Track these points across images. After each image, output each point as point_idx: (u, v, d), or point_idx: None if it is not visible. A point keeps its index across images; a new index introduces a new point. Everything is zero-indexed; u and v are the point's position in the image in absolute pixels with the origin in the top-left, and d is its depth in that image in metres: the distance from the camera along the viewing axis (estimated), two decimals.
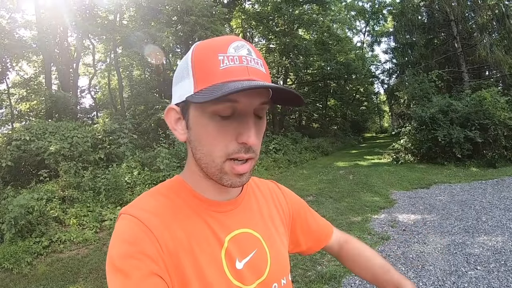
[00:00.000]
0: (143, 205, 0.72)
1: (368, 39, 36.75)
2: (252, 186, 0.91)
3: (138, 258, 0.62)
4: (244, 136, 0.67)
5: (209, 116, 0.67)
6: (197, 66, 0.67)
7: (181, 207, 0.73)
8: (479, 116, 11.15)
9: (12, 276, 4.80)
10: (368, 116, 37.15)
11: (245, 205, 0.83)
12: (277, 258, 0.82)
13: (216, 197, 0.77)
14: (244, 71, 0.66)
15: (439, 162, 11.59)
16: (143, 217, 0.68)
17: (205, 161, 0.71)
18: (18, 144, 8.33)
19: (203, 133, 0.69)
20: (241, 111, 0.67)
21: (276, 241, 0.84)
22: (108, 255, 0.65)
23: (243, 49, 0.68)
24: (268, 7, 20.84)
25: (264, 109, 0.71)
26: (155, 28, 13.36)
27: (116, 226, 0.69)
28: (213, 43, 0.69)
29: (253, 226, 0.81)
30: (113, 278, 0.62)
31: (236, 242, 0.75)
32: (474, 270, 3.84)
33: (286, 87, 0.67)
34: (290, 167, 14.23)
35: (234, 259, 0.73)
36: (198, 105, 0.67)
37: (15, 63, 14.48)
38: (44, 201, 6.62)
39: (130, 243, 0.64)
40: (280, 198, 0.97)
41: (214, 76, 0.65)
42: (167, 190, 0.77)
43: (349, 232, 5.64)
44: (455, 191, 7.89)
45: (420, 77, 14.94)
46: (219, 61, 0.65)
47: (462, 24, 17.19)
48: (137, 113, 15.23)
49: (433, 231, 5.35)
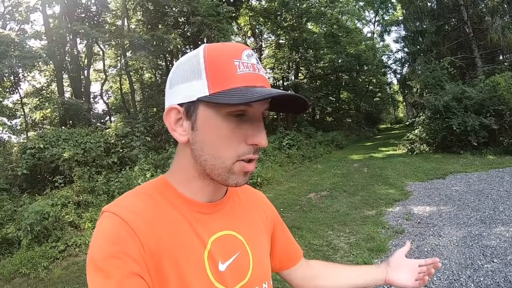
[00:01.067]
0: (126, 204, 0.71)
1: (378, 29, 36.26)
2: (237, 190, 0.90)
3: (120, 258, 0.61)
4: (257, 138, 0.70)
5: (223, 117, 0.68)
6: (212, 68, 0.68)
7: (165, 207, 0.72)
8: (494, 102, 10.92)
9: (29, 281, 4.90)
10: (382, 107, 36.74)
11: (229, 207, 0.83)
12: (260, 262, 0.82)
13: (201, 198, 0.77)
14: (258, 78, 0.70)
15: (455, 151, 11.40)
16: (126, 216, 0.67)
17: (212, 162, 0.71)
18: (32, 152, 8.49)
19: (213, 134, 0.69)
20: (252, 114, 0.70)
21: (258, 245, 0.84)
22: (89, 254, 0.64)
23: (253, 57, 0.72)
24: (275, 3, 20.67)
25: (266, 113, 0.75)
26: (162, 30, 13.43)
27: (98, 224, 0.68)
28: (226, 48, 0.71)
29: (237, 229, 0.80)
30: (94, 277, 0.61)
31: (219, 244, 0.74)
32: (490, 263, 3.75)
33: (301, 96, 0.71)
34: (304, 162, 14.17)
35: (217, 261, 0.72)
36: (212, 106, 0.68)
37: (27, 73, 14.73)
38: (59, 207, 6.74)
39: (113, 242, 0.63)
40: (264, 205, 0.97)
41: (233, 80, 0.67)
42: (151, 190, 0.76)
43: (363, 226, 5.62)
44: (472, 181, 7.74)
45: (432, 65, 14.72)
46: (235, 66, 0.68)
47: (472, 8, 16.78)
48: (150, 115, 15.34)
49: (448, 223, 5.26)
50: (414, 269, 1.07)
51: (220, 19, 14.14)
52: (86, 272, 0.63)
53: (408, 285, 1.05)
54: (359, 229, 5.52)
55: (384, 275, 1.07)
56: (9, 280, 4.99)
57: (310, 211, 6.91)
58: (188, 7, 13.16)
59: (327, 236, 5.39)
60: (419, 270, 1.07)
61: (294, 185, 9.61)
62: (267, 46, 24.63)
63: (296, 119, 20.13)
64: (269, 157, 12.85)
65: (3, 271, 5.13)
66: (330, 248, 4.86)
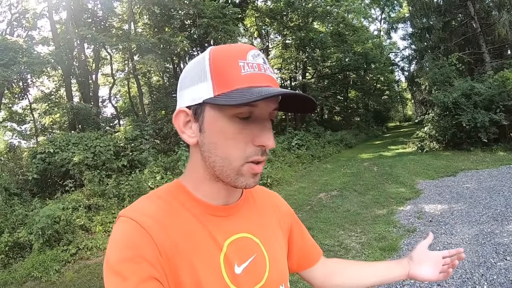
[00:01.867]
0: (141, 208, 0.71)
1: (385, 26, 35.93)
2: (252, 192, 0.90)
3: (136, 261, 0.62)
4: (264, 139, 0.69)
5: (228, 119, 0.68)
6: (216, 70, 0.68)
7: (180, 211, 0.73)
8: (503, 97, 10.82)
9: (41, 284, 4.95)
10: (390, 105, 36.64)
11: (245, 210, 0.82)
12: (276, 264, 0.81)
13: (217, 201, 0.77)
14: (264, 78, 0.69)
15: (465, 148, 11.31)
16: (142, 220, 0.67)
17: (220, 164, 0.70)
18: (43, 157, 8.57)
19: (220, 136, 0.69)
20: (258, 115, 0.69)
21: (275, 247, 0.84)
22: (106, 258, 0.64)
23: (259, 57, 0.71)
24: (281, 3, 20.67)
25: (275, 114, 0.74)
26: (169, 33, 13.49)
27: (114, 229, 0.69)
28: (231, 49, 0.71)
29: (253, 231, 0.80)
30: (110, 281, 0.61)
31: (235, 247, 0.74)
32: (503, 261, 3.70)
33: (307, 95, 0.70)
34: (313, 162, 14.15)
35: (232, 264, 0.72)
36: (217, 108, 0.68)
37: (36, 79, 14.87)
38: (70, 210, 6.79)
39: (129, 246, 0.64)
40: (280, 207, 0.97)
41: (237, 81, 0.66)
42: (165, 194, 0.76)
43: (374, 225, 5.59)
44: (483, 178, 7.67)
45: (440, 62, 14.63)
46: (240, 67, 0.68)
47: (479, 3, 16.55)
48: (158, 118, 15.44)
49: (460, 221, 5.21)
50: (438, 261, 1.05)
51: (226, 21, 14.19)
52: (100, 275, 0.63)
53: (432, 279, 1.04)
54: (371, 229, 5.49)
55: (407, 270, 1.04)
56: (21, 283, 5.04)
57: (320, 211, 6.88)
58: (194, 10, 13.23)
59: (339, 236, 5.37)
60: (443, 262, 1.05)
61: (304, 185, 9.58)
62: (274, 47, 24.65)
63: (304, 119, 20.10)
64: (279, 157, 12.85)
65: (15, 275, 5.18)
66: (341, 248, 4.84)
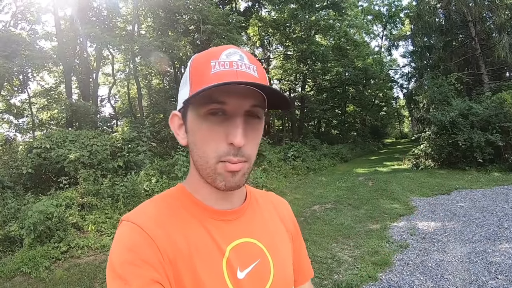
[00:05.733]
0: (144, 212, 0.72)
1: (386, 43, 36.36)
2: (257, 197, 0.90)
3: (139, 265, 0.62)
4: (231, 136, 0.68)
5: (203, 117, 0.69)
6: (193, 73, 0.71)
7: (183, 215, 0.73)
8: (500, 118, 10.95)
9: (30, 280, 4.88)
10: (387, 122, 36.82)
11: (249, 214, 0.82)
12: (281, 270, 0.80)
13: (218, 205, 0.77)
14: (233, 75, 0.67)
15: (460, 167, 11.39)
16: (145, 224, 0.68)
17: (200, 162, 0.72)
18: (38, 152, 8.50)
19: (197, 135, 0.71)
20: (230, 112, 0.68)
21: (281, 253, 0.83)
22: (109, 261, 0.65)
23: (235, 55, 0.70)
24: (285, 14, 20.87)
25: (259, 111, 0.72)
26: (172, 37, 13.52)
27: (117, 233, 0.69)
28: (208, 52, 0.73)
29: (257, 236, 0.79)
30: (113, 284, 0.61)
31: (238, 252, 0.74)
32: (495, 280, 3.72)
33: (268, 86, 0.67)
34: (309, 174, 14.18)
35: (235, 269, 0.71)
36: (194, 108, 0.70)
37: (36, 74, 14.84)
38: (63, 208, 6.74)
39: (131, 250, 0.64)
40: (286, 215, 0.95)
41: (206, 81, 0.67)
42: (169, 198, 0.77)
43: (368, 240, 5.59)
44: (477, 197, 7.71)
45: (439, 81, 14.76)
46: (210, 67, 0.68)
47: (480, 25, 16.81)
48: (156, 121, 15.38)
49: (453, 239, 5.22)
50: None
51: (230, 29, 14.25)
52: (90, 275, 0.63)
53: None
54: (364, 243, 5.49)
55: None
56: (10, 278, 4.97)
57: (314, 223, 6.88)
58: (199, 15, 13.27)
59: (332, 248, 5.36)
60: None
61: (298, 197, 9.58)
62: (275, 57, 24.78)
63: (301, 130, 20.18)
64: (274, 168, 12.87)
65: (4, 269, 5.11)
66: (334, 261, 4.83)
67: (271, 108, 0.76)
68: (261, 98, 0.70)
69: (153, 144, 10.99)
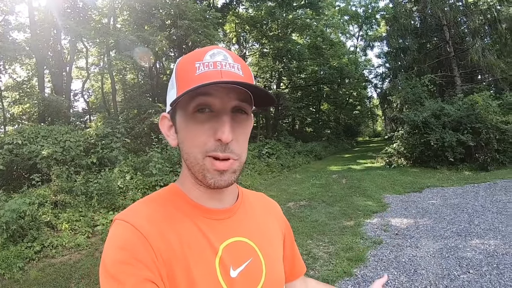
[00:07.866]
0: (137, 211, 0.72)
1: (361, 43, 36.96)
2: (249, 197, 0.91)
3: (132, 264, 0.62)
4: (219, 132, 0.69)
5: (190, 115, 0.71)
6: (179, 76, 0.73)
7: (175, 214, 0.73)
8: (471, 120, 11.29)
9: (3, 282, 4.73)
10: (361, 120, 37.33)
11: (241, 214, 0.83)
12: (273, 269, 0.81)
13: (211, 204, 0.78)
14: (217, 74, 0.69)
15: (432, 166, 11.69)
16: (138, 223, 0.68)
17: (189, 160, 0.73)
18: (10, 148, 8.20)
19: (186, 133, 0.72)
20: (218, 109, 0.70)
21: (272, 252, 0.84)
22: (102, 261, 0.64)
23: (219, 55, 0.72)
24: (262, 12, 20.85)
25: (245, 107, 0.73)
26: (148, 32, 13.35)
27: (110, 232, 0.69)
28: (193, 53, 0.74)
29: (249, 235, 0.80)
30: (106, 284, 0.61)
31: (230, 250, 0.74)
32: (466, 274, 3.87)
33: (251, 84, 0.68)
34: (283, 171, 14.24)
35: (228, 267, 0.72)
36: (182, 108, 0.72)
37: (8, 66, 14.33)
38: (36, 206, 6.51)
39: (124, 249, 0.64)
40: (277, 215, 0.98)
41: (191, 82, 0.68)
42: (161, 197, 0.77)
43: (342, 236, 5.69)
44: (448, 195, 7.96)
45: (412, 82, 15.09)
46: (195, 68, 0.70)
47: (455, 29, 17.40)
48: (130, 117, 15.12)
49: (425, 235, 5.38)
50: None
51: (207, 25, 14.18)
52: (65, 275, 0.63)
53: None
54: (338, 239, 5.58)
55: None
56: None
57: (289, 220, 6.73)
58: (176, 10, 13.16)
59: (307, 245, 5.42)
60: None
61: (273, 194, 9.60)
62: (251, 54, 24.74)
63: (276, 128, 20.24)
64: (248, 165, 12.86)
65: None
66: (309, 257, 4.89)
67: (259, 106, 0.77)
68: (246, 95, 0.72)
69: (127, 140, 10.79)
